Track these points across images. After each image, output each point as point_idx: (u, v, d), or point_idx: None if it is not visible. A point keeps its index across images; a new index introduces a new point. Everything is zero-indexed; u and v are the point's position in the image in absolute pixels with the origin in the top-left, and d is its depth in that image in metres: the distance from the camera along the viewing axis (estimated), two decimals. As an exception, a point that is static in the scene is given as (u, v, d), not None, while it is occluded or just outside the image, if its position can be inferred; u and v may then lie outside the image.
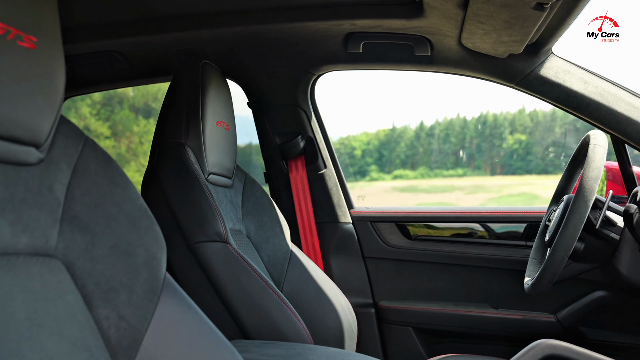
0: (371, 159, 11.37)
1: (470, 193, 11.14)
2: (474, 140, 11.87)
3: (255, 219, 1.75)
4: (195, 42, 1.75)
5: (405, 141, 12.03)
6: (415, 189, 11.72)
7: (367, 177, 10.96)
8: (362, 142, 11.23)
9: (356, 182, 10.14)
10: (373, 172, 11.18)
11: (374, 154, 11.53)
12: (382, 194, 10.69)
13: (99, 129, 9.69)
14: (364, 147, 11.24)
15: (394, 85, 10.27)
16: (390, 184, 11.46)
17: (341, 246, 2.01)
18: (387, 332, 1.95)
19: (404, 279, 1.98)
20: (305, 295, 1.72)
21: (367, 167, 11.14)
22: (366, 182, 10.74)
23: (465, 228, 1.98)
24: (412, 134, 12.12)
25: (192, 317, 0.84)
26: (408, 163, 12.00)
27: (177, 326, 0.81)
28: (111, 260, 0.77)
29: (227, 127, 1.64)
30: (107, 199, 0.80)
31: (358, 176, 10.54)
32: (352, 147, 10.94)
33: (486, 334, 1.85)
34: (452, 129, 11.40)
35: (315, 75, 1.93)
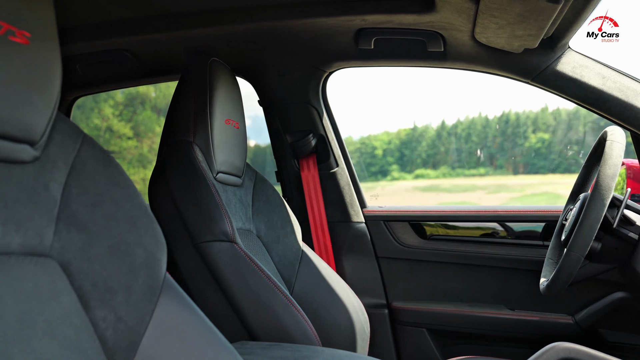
0: (392, 159, 11.33)
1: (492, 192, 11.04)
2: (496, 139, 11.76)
3: (266, 218, 1.74)
4: (204, 39, 1.74)
5: (427, 140, 11.96)
6: (436, 189, 11.65)
7: (389, 176, 10.92)
8: (383, 141, 11.20)
9: (377, 182, 10.11)
10: (394, 172, 11.14)
11: (395, 153, 11.49)
12: (403, 193, 10.65)
13: (121, 130, 9.81)
14: (385, 147, 11.21)
15: (415, 84, 10.25)
16: (412, 183, 11.41)
17: (354, 246, 2.00)
18: (401, 333, 1.93)
19: (417, 279, 1.96)
20: (317, 295, 1.70)
21: (389, 167, 11.10)
22: (387, 182, 10.71)
23: (480, 227, 1.95)
24: (433, 133, 12.04)
25: (192, 318, 0.83)
26: (429, 162, 11.93)
27: (176, 327, 0.80)
28: (109, 260, 0.76)
29: (236, 126, 1.63)
30: (106, 197, 0.79)
31: (379, 176, 10.51)
32: (373, 147, 10.91)
33: (502, 336, 1.82)
34: (474, 127, 11.29)
35: (326, 72, 1.91)
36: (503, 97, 10.16)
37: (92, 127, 9.53)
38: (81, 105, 9.17)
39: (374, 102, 11.19)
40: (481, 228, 1.95)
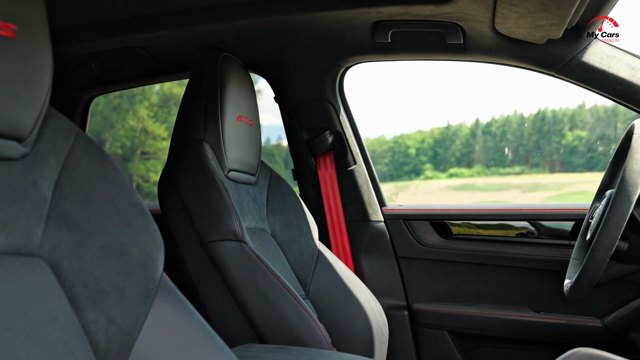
0: (426, 158, 11.26)
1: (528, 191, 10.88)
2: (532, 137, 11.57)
3: (281, 217, 1.72)
4: (218, 35, 1.74)
5: (461, 139, 11.85)
6: (471, 187, 11.53)
7: (422, 175, 10.85)
8: (417, 140, 11.13)
9: (410, 181, 10.05)
10: (428, 171, 11.06)
11: (428, 152, 11.41)
12: (437, 192, 10.58)
13: (156, 131, 9.96)
14: (418, 146, 11.14)
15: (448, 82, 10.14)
16: (446, 182, 11.31)
17: (372, 245, 1.96)
18: (421, 336, 1.89)
19: (439, 280, 1.91)
20: (333, 296, 1.68)
21: (422, 166, 11.04)
22: (421, 181, 10.64)
23: (504, 226, 1.89)
24: (467, 132, 11.92)
25: (189, 320, 0.81)
26: (464, 161, 11.81)
27: (171, 330, 0.78)
28: (102, 260, 0.75)
29: (249, 123, 1.62)
30: (99, 195, 0.78)
31: (412, 175, 10.46)
32: (406, 146, 10.86)
33: (526, 339, 1.76)
34: (509, 125, 11.13)
35: (343, 67, 1.89)
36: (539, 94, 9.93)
37: (128, 128, 9.72)
38: (117, 107, 9.35)
39: (407, 101, 11.12)
40: (505, 227, 1.89)
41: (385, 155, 10.28)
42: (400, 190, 10.01)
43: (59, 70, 2.04)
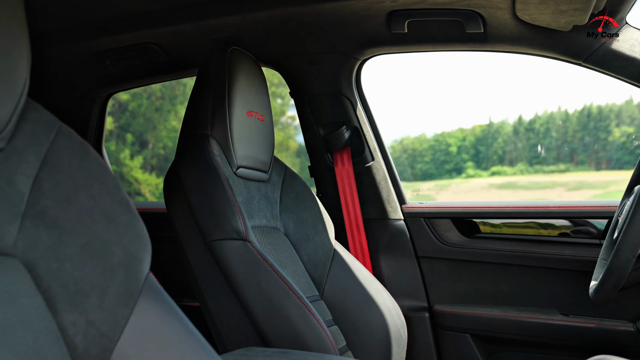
0: (467, 156, 11.12)
1: (573, 189, 10.64)
2: (577, 134, 11.32)
3: (295, 215, 1.69)
4: (230, 29, 1.72)
5: (503, 136, 11.66)
6: (514, 186, 11.34)
7: (463, 174, 10.71)
8: (458, 138, 11.00)
9: (452, 180, 9.93)
10: (469, 169, 10.92)
11: (470, 150, 11.27)
12: (479, 191, 10.46)
13: None
14: (459, 144, 11.01)
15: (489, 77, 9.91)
16: (488, 180, 11.15)
17: (392, 245, 1.92)
18: (443, 338, 1.83)
19: (461, 280, 1.86)
20: (349, 297, 1.65)
21: (463, 164, 10.90)
22: (462, 179, 10.50)
23: (531, 224, 1.82)
24: (510, 129, 11.72)
25: (173, 323, 0.78)
26: (506, 159, 11.61)
27: (154, 334, 0.76)
28: (82, 260, 0.73)
29: (260, 118, 1.59)
30: (81, 192, 0.76)
31: (454, 173, 10.36)
32: (447, 144, 10.75)
33: (554, 344, 1.69)
34: (553, 122, 10.89)
35: (359, 60, 1.85)
36: (584, 89, 9.65)
37: (170, 128, 9.91)
38: (159, 108, 9.51)
39: (448, 98, 10.94)
40: (531, 225, 1.82)
41: (425, 154, 10.21)
42: (441, 189, 9.88)
43: (74, 69, 2.06)
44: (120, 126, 9.09)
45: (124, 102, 8.96)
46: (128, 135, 9.20)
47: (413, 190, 2.04)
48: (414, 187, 9.88)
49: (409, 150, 10.86)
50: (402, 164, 10.19)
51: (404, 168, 10.17)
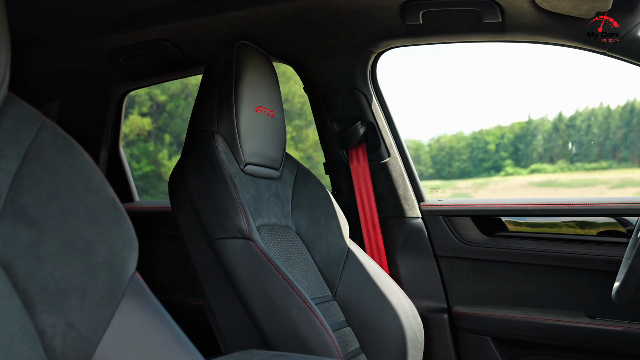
0: (506, 153, 10.98)
1: (616, 187, 10.41)
2: (620, 131, 11.06)
3: (307, 214, 1.66)
4: (242, 24, 1.70)
5: (543, 133, 11.47)
6: (554, 184, 11.13)
7: (502, 172, 10.58)
8: (496, 135, 10.88)
9: (490, 178, 9.81)
10: (508, 167, 10.78)
11: (508, 147, 11.12)
12: (518, 189, 10.32)
13: None
14: (497, 141, 10.88)
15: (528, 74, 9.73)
16: (527, 178, 10.98)
17: (409, 244, 1.87)
18: (462, 341, 1.78)
19: (482, 281, 1.80)
20: (363, 298, 1.61)
21: (502, 162, 10.77)
22: (501, 177, 10.37)
23: (556, 222, 1.76)
24: (550, 126, 11.52)
25: (158, 325, 0.75)
26: (546, 156, 11.42)
27: (137, 336, 0.73)
28: (62, 259, 0.71)
29: (270, 114, 1.57)
30: (64, 189, 0.74)
31: (492, 171, 10.25)
32: (485, 142, 10.64)
33: (579, 348, 1.62)
34: (595, 118, 10.68)
35: (374, 53, 1.80)
36: (627, 84, 9.35)
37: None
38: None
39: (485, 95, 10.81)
40: (555, 223, 1.76)
41: (463, 152, 10.13)
42: (479, 187, 9.77)
43: (89, 68, 2.07)
44: (158, 127, 9.23)
45: (162, 103, 9.10)
46: (166, 136, 9.33)
47: (432, 187, 1.99)
48: (452, 185, 9.76)
49: (446, 149, 10.76)
50: (440, 162, 10.06)
51: (441, 166, 10.06)
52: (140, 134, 9.44)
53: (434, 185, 2.02)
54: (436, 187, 2.01)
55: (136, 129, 9.38)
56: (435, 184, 7.59)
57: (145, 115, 9.49)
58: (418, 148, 11.20)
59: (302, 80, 1.92)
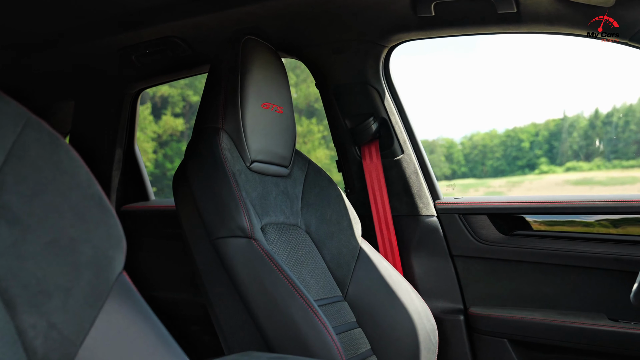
0: (540, 151, 10.84)
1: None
2: (659, 127, 10.84)
3: (318, 212, 1.64)
4: (252, 19, 1.69)
5: (578, 131, 11.28)
6: (590, 182, 10.95)
7: (537, 170, 10.44)
8: (530, 133, 10.75)
9: (524, 176, 9.69)
10: (543, 165, 10.63)
11: (543, 145, 10.97)
12: (554, 187, 10.17)
13: None
14: (532, 139, 10.75)
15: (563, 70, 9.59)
16: (563, 176, 10.81)
17: (423, 243, 1.83)
18: (479, 343, 1.73)
19: (499, 281, 1.75)
20: (374, 298, 1.58)
21: (536, 160, 10.63)
22: (535, 176, 10.24)
23: (576, 220, 1.70)
24: (585, 123, 11.32)
25: (143, 327, 0.74)
26: (582, 154, 11.22)
27: (121, 338, 0.72)
28: (46, 259, 0.69)
29: (278, 110, 1.55)
30: (49, 187, 0.73)
31: (526, 170, 10.13)
32: (519, 139, 10.52)
33: (601, 351, 1.56)
34: (633, 115, 10.46)
35: (386, 47, 1.77)
36: (666, 79, 9.12)
37: None
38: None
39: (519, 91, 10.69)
40: (576, 221, 1.70)
41: (496, 150, 10.04)
42: (513, 186, 9.64)
43: (102, 67, 2.08)
44: (190, 127, 9.38)
45: (194, 104, 9.20)
46: (198, 136, 9.47)
47: (449, 185, 1.94)
48: (485, 184, 9.65)
49: (479, 147, 10.66)
50: (473, 160, 9.94)
51: (474, 165, 9.94)
52: (173, 135, 9.56)
53: (450, 184, 1.96)
54: (452, 185, 1.96)
55: (169, 129, 9.50)
56: (467, 183, 7.44)
57: (178, 116, 9.60)
58: (450, 146, 11.10)
59: (313, 76, 1.90)
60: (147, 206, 2.34)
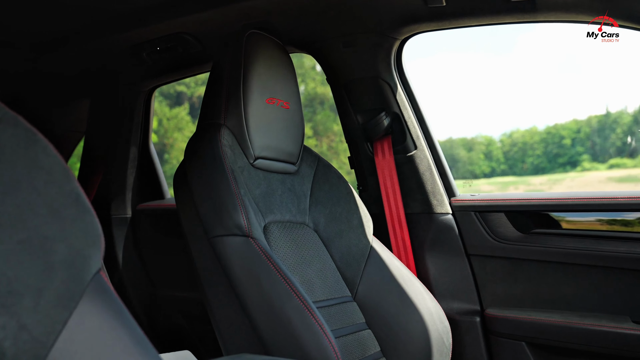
0: (582, 148, 10.63)
1: None
2: None
3: (327, 210, 1.60)
4: (260, 14, 1.66)
5: (622, 127, 11.03)
6: (635, 179, 10.70)
7: (579, 167, 10.25)
8: (572, 130, 10.55)
9: (566, 174, 9.51)
10: (585, 162, 10.42)
11: (585, 142, 10.76)
12: (596, 184, 9.96)
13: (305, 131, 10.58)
14: (573, 136, 10.55)
15: (605, 64, 9.39)
16: (606, 174, 10.58)
17: (438, 241, 1.77)
18: (495, 346, 1.67)
19: (517, 281, 1.68)
20: (385, 299, 1.54)
21: (578, 157, 10.43)
22: (577, 173, 10.05)
23: (600, 219, 1.63)
24: (629, 119, 11.06)
25: (116, 328, 0.71)
26: (626, 151, 10.95)
27: (93, 340, 0.69)
28: (17, 258, 0.67)
29: (285, 105, 1.52)
30: (23, 183, 0.71)
31: (568, 167, 9.95)
32: (560, 136, 10.34)
33: (624, 356, 1.48)
34: None
35: (397, 40, 1.72)
36: None
37: None
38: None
39: (560, 88, 10.56)
40: (601, 220, 1.63)
41: (537, 147, 9.88)
42: (554, 184, 9.41)
43: (115, 65, 2.08)
44: None
45: None
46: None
47: (465, 181, 1.88)
48: (525, 181, 9.46)
49: (519, 144, 10.48)
50: (512, 158, 9.78)
51: (513, 162, 9.76)
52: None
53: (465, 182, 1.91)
54: (469, 182, 1.90)
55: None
56: (507, 181, 7.35)
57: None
58: (490, 144, 10.93)
59: (324, 71, 1.86)
60: (163, 205, 2.34)
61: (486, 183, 8.37)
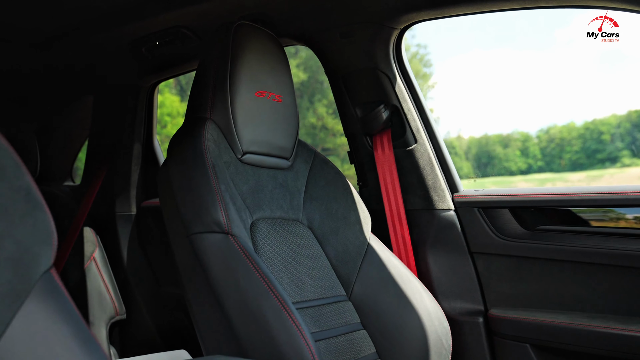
0: (622, 144, 10.38)
1: None
2: None
3: (322, 206, 1.54)
4: (256, 5, 1.61)
5: None
6: None
7: (618, 163, 10.00)
8: (611, 125, 10.31)
9: (605, 170, 9.29)
10: (625, 158, 10.16)
11: (625, 137, 10.51)
12: (636, 181, 9.76)
13: (335, 127, 10.54)
14: (613, 131, 10.32)
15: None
16: None
17: (439, 239, 1.70)
18: (499, 348, 1.59)
19: (522, 281, 1.60)
20: (381, 298, 1.48)
21: (618, 153, 10.19)
22: (617, 169, 9.81)
23: (609, 215, 1.54)
24: None
25: (62, 328, 0.67)
26: None
27: (37, 342, 0.65)
28: None
29: (276, 99, 1.46)
30: None
31: (607, 163, 9.72)
32: (599, 132, 10.11)
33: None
34: None
35: (396, 29, 1.65)
36: None
37: (309, 126, 10.33)
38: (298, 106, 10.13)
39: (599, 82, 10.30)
40: (609, 216, 1.54)
41: (575, 143, 9.69)
42: (592, 180, 9.22)
43: (115, 60, 2.05)
44: None
45: None
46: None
47: (469, 178, 1.81)
48: (563, 178, 9.29)
49: (556, 140, 10.28)
50: (550, 154, 9.61)
51: (551, 159, 9.61)
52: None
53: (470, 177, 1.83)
54: (473, 178, 1.82)
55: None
56: (544, 177, 7.16)
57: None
58: (526, 140, 10.76)
59: (321, 63, 1.80)
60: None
61: (523, 180, 8.22)
